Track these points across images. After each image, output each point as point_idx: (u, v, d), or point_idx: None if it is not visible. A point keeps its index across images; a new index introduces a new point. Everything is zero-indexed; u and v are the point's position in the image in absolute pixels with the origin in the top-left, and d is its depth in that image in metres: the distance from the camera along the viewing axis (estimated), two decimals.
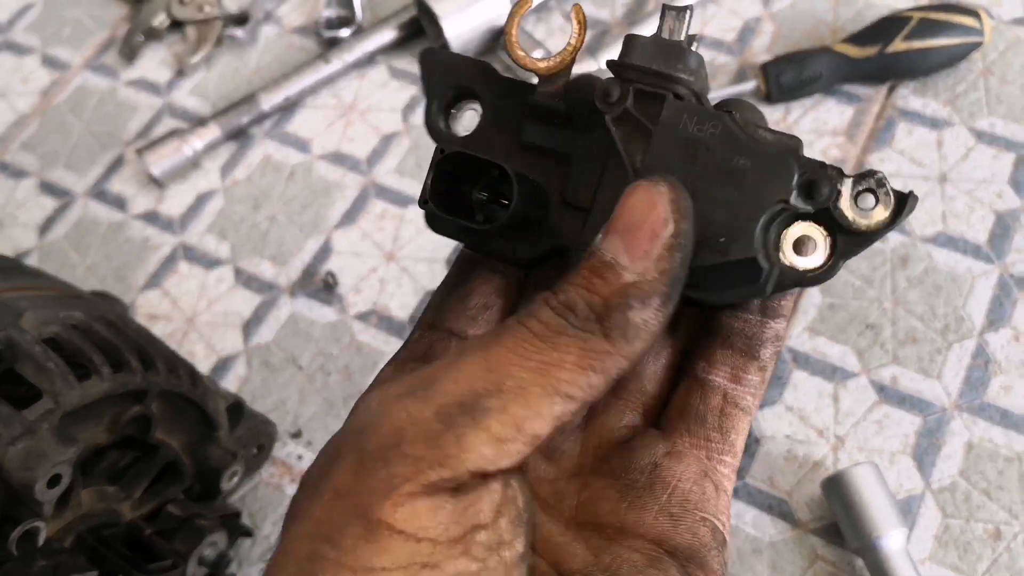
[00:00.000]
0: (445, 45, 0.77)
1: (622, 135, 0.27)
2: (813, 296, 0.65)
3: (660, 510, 0.27)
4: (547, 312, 0.23)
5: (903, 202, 0.26)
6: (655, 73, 0.27)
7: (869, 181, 0.26)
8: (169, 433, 0.52)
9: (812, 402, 0.62)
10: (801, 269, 0.26)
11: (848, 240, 0.26)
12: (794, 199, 0.26)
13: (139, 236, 0.75)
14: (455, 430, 0.22)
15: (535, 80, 0.28)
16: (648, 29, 0.76)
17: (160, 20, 0.85)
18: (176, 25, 0.85)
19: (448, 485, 0.22)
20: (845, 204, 0.26)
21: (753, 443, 0.60)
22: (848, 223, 0.26)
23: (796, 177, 0.26)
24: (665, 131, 0.26)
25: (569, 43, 0.28)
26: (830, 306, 0.65)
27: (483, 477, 0.23)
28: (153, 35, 0.85)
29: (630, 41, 0.28)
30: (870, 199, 0.26)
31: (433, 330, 0.29)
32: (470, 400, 0.22)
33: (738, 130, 0.26)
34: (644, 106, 0.27)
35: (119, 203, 0.77)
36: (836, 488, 0.56)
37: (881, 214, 0.26)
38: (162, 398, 0.50)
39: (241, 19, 0.84)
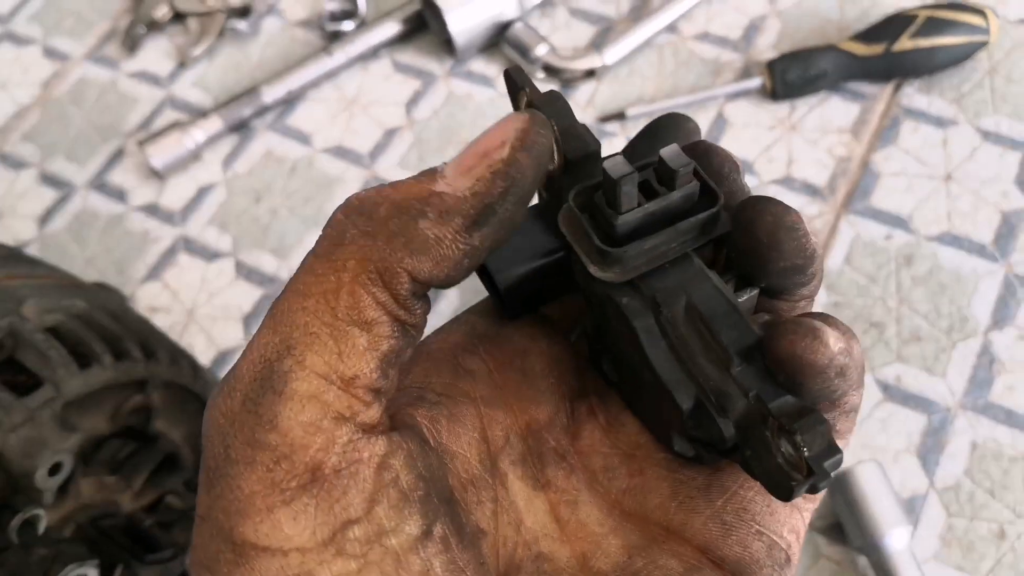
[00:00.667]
0: (449, 40, 0.76)
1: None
2: (819, 294, 0.65)
3: (712, 515, 0.24)
4: (337, 216, 0.21)
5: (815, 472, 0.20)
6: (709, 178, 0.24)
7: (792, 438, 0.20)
8: (170, 424, 0.52)
9: None
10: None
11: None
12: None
13: (139, 228, 0.75)
14: (264, 412, 0.20)
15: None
16: (653, 26, 0.76)
17: (162, 12, 0.84)
18: (178, 17, 0.85)
19: (303, 482, 0.20)
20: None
21: None
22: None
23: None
24: (678, 282, 0.24)
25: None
26: (835, 304, 0.64)
27: (347, 465, 0.20)
28: (155, 27, 0.85)
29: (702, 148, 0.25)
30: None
31: None
32: (265, 372, 0.20)
33: (728, 305, 0.23)
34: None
35: (119, 195, 0.77)
36: (840, 486, 0.56)
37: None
38: (163, 388, 0.50)
39: (244, 11, 0.83)
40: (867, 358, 0.62)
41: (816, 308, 0.64)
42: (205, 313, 0.70)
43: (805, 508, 0.25)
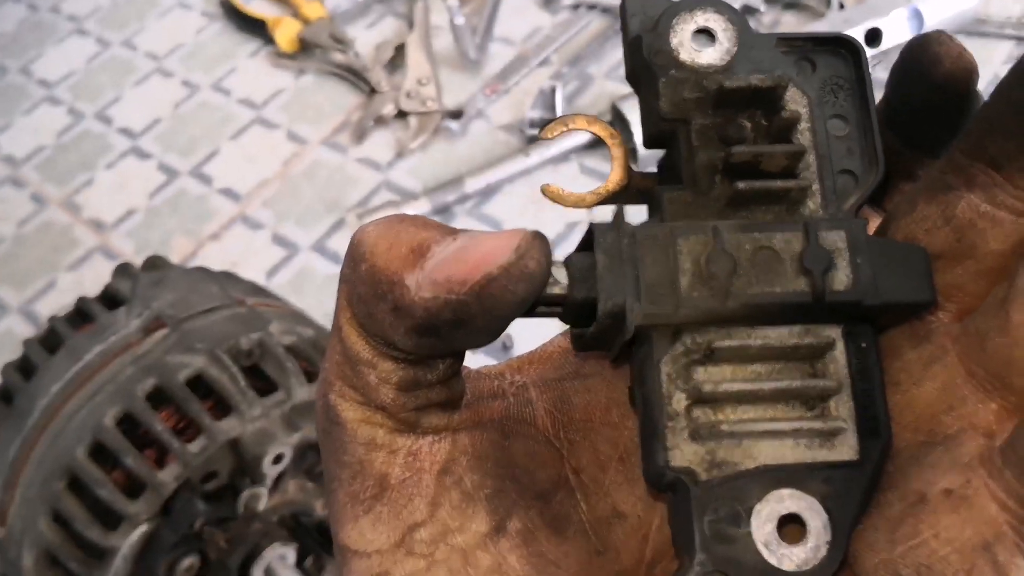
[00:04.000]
0: (634, 150, 0.85)
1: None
2: None
3: (886, 562, 0.20)
4: (351, 242, 0.22)
5: None
6: None
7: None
8: None
9: None
10: None
11: None
12: None
13: None
14: (334, 437, 0.22)
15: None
16: None
17: (388, 109, 0.98)
18: (401, 115, 0.99)
19: (373, 493, 0.22)
20: None
21: None
22: None
23: None
24: None
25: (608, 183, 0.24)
26: None
27: (409, 475, 0.22)
28: (381, 121, 0.99)
29: None
30: None
31: None
32: (324, 404, 0.23)
33: None
34: None
35: (336, 258, 0.89)
36: None
37: None
38: None
39: (457, 114, 0.96)
40: None
41: None
42: None
43: None
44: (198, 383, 0.51)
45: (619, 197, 0.24)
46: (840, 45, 0.24)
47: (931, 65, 0.22)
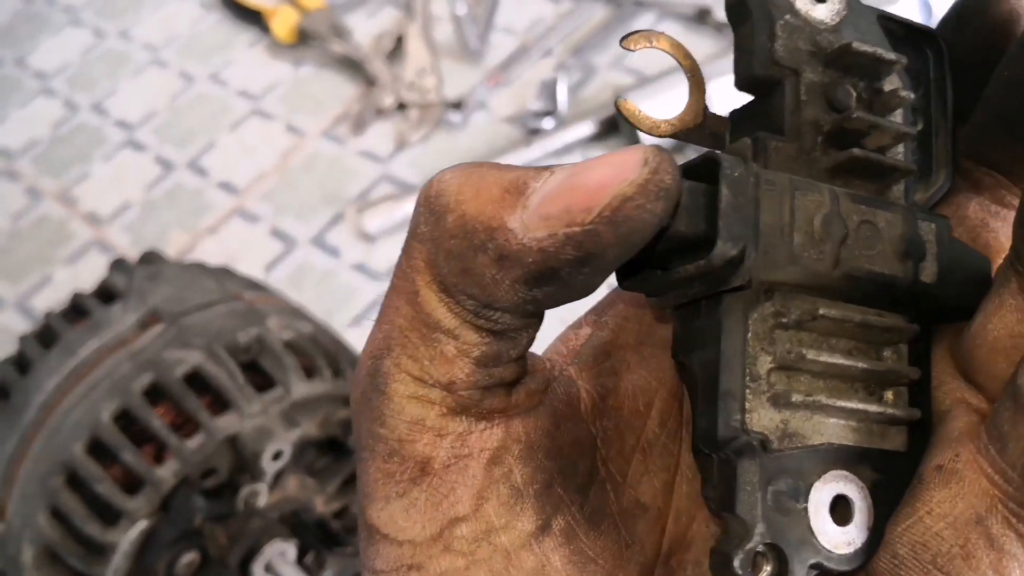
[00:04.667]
0: (637, 141, 0.84)
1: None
2: None
3: (886, 542, 0.20)
4: (419, 200, 0.20)
5: None
6: None
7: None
8: None
9: None
10: None
11: None
12: None
13: (348, 282, 0.85)
14: (375, 407, 0.20)
15: None
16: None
17: (388, 101, 0.97)
18: (401, 106, 0.97)
19: (412, 475, 0.20)
20: None
21: None
22: None
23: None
24: None
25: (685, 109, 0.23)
26: None
27: (456, 460, 0.20)
28: (381, 113, 0.97)
29: None
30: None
31: None
32: (372, 368, 0.20)
33: None
34: None
35: (335, 252, 0.88)
36: None
37: None
38: None
39: (458, 105, 0.95)
40: None
41: None
42: None
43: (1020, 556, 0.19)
44: (195, 379, 0.50)
45: (692, 135, 0.23)
46: (928, 41, 0.23)
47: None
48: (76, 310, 0.54)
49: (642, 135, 0.82)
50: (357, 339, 0.81)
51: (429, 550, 0.20)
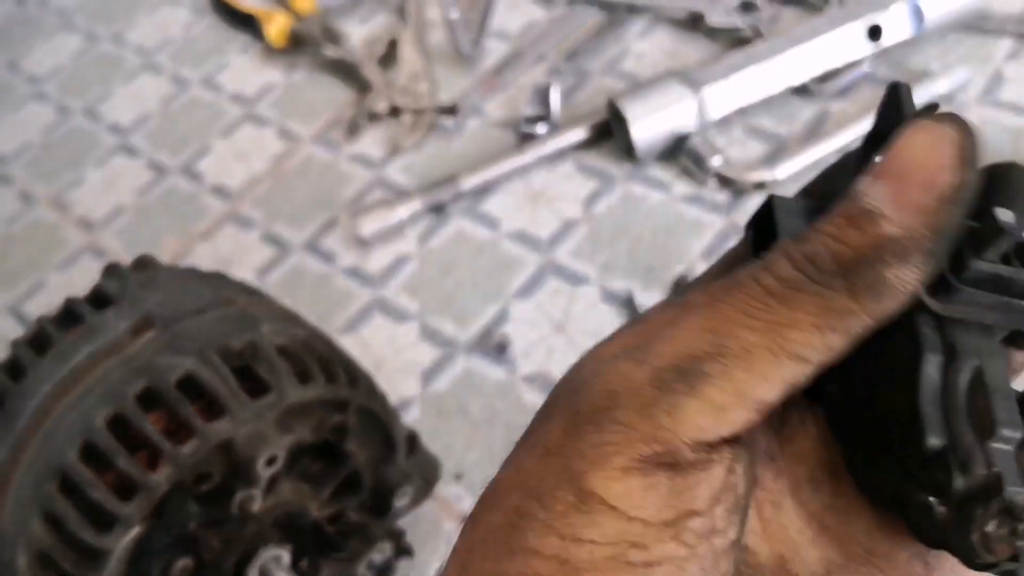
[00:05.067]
0: (630, 147, 0.84)
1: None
2: None
3: (918, 553, 0.23)
4: (784, 265, 0.21)
5: None
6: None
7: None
8: (358, 446, 0.59)
9: None
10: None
11: None
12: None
13: (342, 287, 0.85)
14: (669, 397, 0.21)
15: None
16: (826, 147, 0.81)
17: (382, 106, 0.97)
18: (395, 111, 0.97)
19: (664, 461, 0.21)
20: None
21: None
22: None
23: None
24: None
25: None
26: None
27: (704, 458, 0.21)
28: (374, 118, 0.97)
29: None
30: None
31: None
32: (688, 364, 0.21)
33: None
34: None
35: (328, 258, 0.88)
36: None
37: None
38: (358, 413, 0.58)
39: (451, 110, 0.95)
40: None
41: None
42: (391, 366, 0.78)
43: None
44: (189, 385, 0.50)
45: None
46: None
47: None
48: (69, 316, 0.54)
49: (634, 138, 0.83)
50: (351, 344, 0.80)
51: (660, 533, 0.21)
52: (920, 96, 0.81)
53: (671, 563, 0.21)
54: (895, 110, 0.23)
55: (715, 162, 0.82)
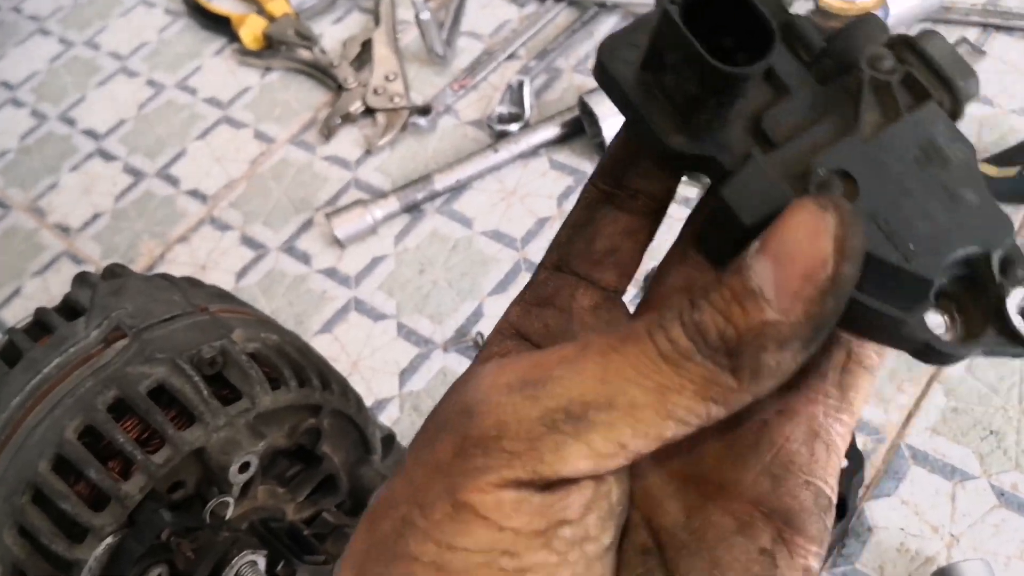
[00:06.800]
0: (602, 143, 0.85)
1: (870, 103, 0.24)
2: (936, 398, 0.67)
3: (762, 470, 0.25)
4: (677, 331, 0.22)
5: None
6: (937, 74, 0.25)
7: None
8: (333, 449, 0.60)
9: (928, 499, 0.63)
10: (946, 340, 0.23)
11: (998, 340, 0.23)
12: (995, 267, 0.23)
13: (319, 288, 0.86)
14: (556, 436, 0.22)
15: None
16: None
17: (356, 106, 0.97)
18: (369, 112, 0.98)
19: (538, 483, 0.22)
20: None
21: (865, 531, 0.63)
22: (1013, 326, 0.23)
23: (1007, 245, 0.23)
24: (914, 125, 0.24)
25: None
26: (953, 409, 0.67)
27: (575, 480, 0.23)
28: (348, 119, 0.98)
29: (931, 35, 0.25)
30: None
31: (558, 272, 0.28)
32: (578, 409, 0.22)
33: (977, 169, 0.24)
34: (905, 93, 0.25)
35: (305, 258, 0.88)
36: None
37: None
38: (332, 416, 0.58)
39: (424, 110, 0.95)
40: (984, 463, 0.64)
41: (934, 411, 0.67)
42: (367, 365, 0.79)
43: (842, 449, 0.26)
44: (160, 393, 0.50)
45: None
46: None
47: None
48: (39, 326, 0.54)
49: (605, 135, 0.83)
50: (328, 344, 0.81)
51: (530, 542, 0.22)
52: None
53: (542, 569, 0.22)
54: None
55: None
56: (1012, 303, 0.23)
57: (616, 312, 0.29)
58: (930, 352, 0.23)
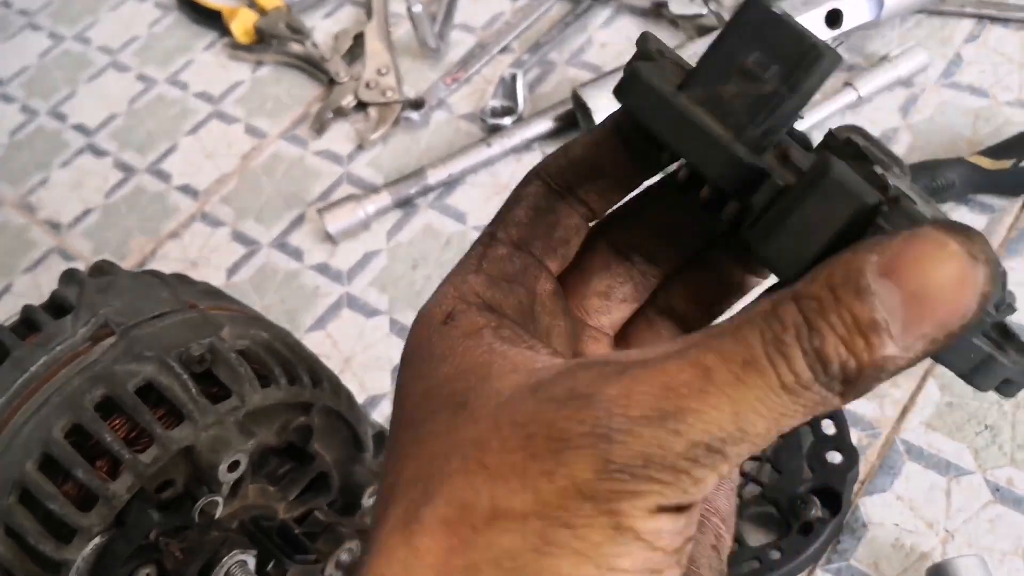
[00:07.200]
0: None
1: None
2: (931, 393, 0.67)
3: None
4: (800, 361, 0.22)
5: None
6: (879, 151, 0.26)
7: None
8: (325, 447, 0.59)
9: (923, 494, 0.63)
10: None
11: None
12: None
13: (311, 284, 0.85)
14: (698, 471, 0.23)
15: None
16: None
17: (348, 101, 0.97)
18: (361, 106, 0.97)
19: (679, 507, 0.23)
20: None
21: (860, 527, 0.62)
22: None
23: None
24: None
25: None
26: (948, 404, 0.66)
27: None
28: (340, 113, 0.97)
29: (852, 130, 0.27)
30: None
31: (521, 251, 0.29)
32: (718, 446, 0.22)
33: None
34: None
35: (297, 254, 0.88)
36: None
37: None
38: (323, 414, 0.58)
39: (417, 104, 0.95)
40: (979, 458, 0.64)
41: (929, 406, 0.67)
42: (360, 362, 0.78)
43: None
44: (148, 391, 0.50)
45: None
46: None
47: None
48: (26, 324, 0.54)
49: (597, 120, 0.82)
50: (321, 340, 0.81)
51: (668, 559, 0.23)
52: (881, 80, 0.81)
53: None
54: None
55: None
56: None
57: (562, 302, 0.30)
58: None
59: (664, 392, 0.23)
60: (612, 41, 0.95)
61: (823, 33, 0.81)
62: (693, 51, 0.83)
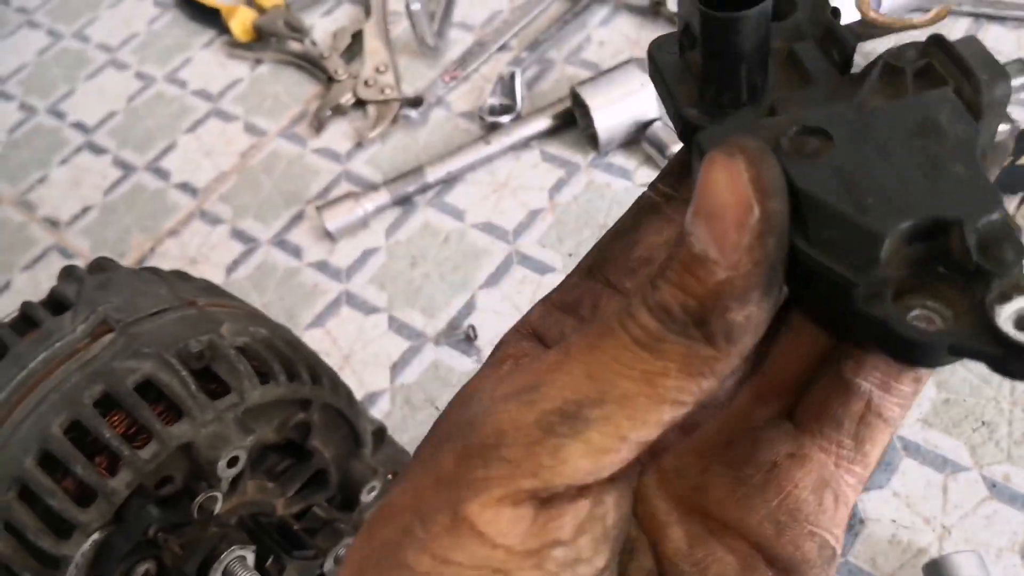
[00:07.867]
0: (594, 135, 0.85)
1: (875, 84, 0.24)
2: (928, 390, 0.67)
3: (768, 515, 0.25)
4: (644, 315, 0.22)
5: None
6: (960, 65, 0.23)
7: None
8: (323, 443, 0.59)
9: (920, 491, 0.63)
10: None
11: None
12: (971, 242, 0.20)
13: (310, 281, 0.85)
14: (553, 439, 0.22)
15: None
16: None
17: (346, 99, 0.97)
18: (359, 104, 0.97)
19: (538, 495, 0.22)
20: (1006, 312, 0.19)
21: (857, 523, 0.63)
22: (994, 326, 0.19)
23: (990, 218, 0.20)
24: (917, 102, 0.23)
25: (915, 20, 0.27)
26: (945, 401, 0.67)
27: (576, 492, 0.23)
28: (339, 111, 0.97)
29: (968, 38, 0.24)
30: None
31: (590, 278, 0.28)
32: (572, 409, 0.22)
33: (979, 151, 0.22)
34: (921, 80, 0.24)
35: (296, 252, 0.88)
36: (938, 573, 0.58)
37: None
38: (322, 410, 0.58)
39: (416, 102, 0.95)
40: (975, 455, 0.64)
41: (926, 403, 0.67)
42: (359, 359, 0.79)
43: (852, 500, 0.26)
44: (147, 388, 0.50)
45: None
46: None
47: None
48: (25, 320, 0.54)
49: (597, 126, 0.83)
50: (320, 337, 0.81)
51: (522, 561, 0.22)
52: None
53: None
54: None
55: (677, 148, 0.82)
56: (998, 304, 0.19)
57: None
58: (897, 343, 0.20)
59: (531, 374, 0.23)
60: (610, 39, 0.95)
61: None
62: None
